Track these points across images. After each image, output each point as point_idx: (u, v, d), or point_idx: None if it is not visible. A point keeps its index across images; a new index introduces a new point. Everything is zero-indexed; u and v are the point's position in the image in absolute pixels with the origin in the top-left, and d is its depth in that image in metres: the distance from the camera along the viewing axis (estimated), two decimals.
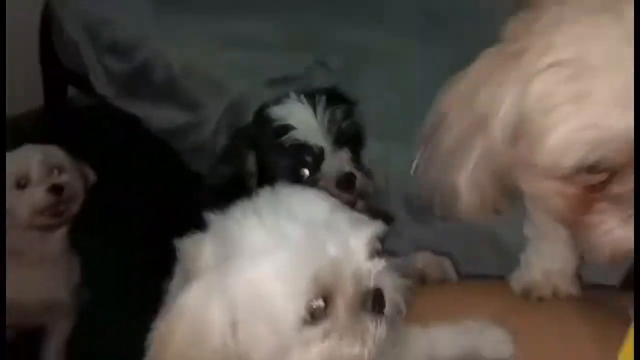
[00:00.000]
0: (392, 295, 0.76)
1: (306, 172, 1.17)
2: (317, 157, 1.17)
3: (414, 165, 0.81)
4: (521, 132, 0.70)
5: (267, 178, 1.18)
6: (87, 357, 1.71)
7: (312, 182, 1.16)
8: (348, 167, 1.18)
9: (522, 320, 0.89)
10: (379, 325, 0.74)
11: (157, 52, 1.86)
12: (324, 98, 1.19)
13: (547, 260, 0.92)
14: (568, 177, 0.67)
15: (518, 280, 0.93)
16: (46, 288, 1.56)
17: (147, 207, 1.98)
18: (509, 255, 1.07)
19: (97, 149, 2.03)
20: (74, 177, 1.50)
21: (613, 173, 0.66)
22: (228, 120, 1.72)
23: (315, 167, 1.17)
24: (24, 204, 1.45)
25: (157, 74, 1.86)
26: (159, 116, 1.86)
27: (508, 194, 0.76)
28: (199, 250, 0.74)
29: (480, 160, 0.73)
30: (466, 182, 0.74)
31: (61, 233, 1.53)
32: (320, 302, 0.71)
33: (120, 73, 1.96)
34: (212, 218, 0.78)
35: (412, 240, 1.35)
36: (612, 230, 0.67)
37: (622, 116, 0.62)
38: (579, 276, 0.95)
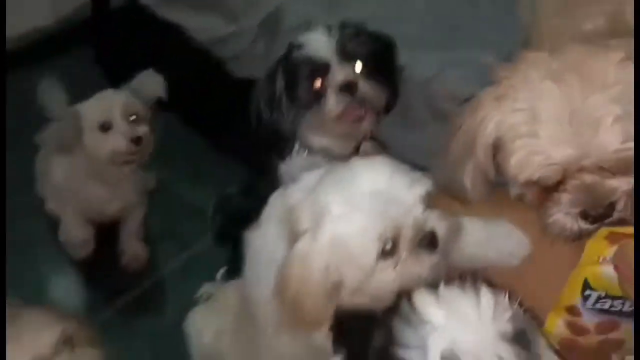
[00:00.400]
0: (442, 234, 1.02)
1: (318, 83, 1.39)
2: (325, 69, 1.39)
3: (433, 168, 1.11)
4: (498, 149, 1.01)
5: (291, 90, 1.42)
6: (161, 231, 1.94)
7: (323, 90, 1.39)
8: (352, 77, 1.38)
9: (515, 215, 1.13)
10: (431, 257, 1.02)
11: None
12: (339, 23, 1.41)
13: None
14: (525, 184, 1.00)
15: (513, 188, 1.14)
16: (122, 198, 1.83)
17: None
18: None
19: (141, 54, 2.19)
20: (148, 127, 1.69)
21: (554, 187, 0.98)
22: (264, 30, 1.86)
23: (324, 78, 1.39)
24: (106, 146, 1.66)
25: None
26: (200, 26, 1.97)
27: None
28: (299, 216, 1.03)
29: (475, 166, 1.04)
30: (469, 181, 1.06)
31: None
32: (389, 245, 0.99)
33: None
34: (305, 180, 1.08)
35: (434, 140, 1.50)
36: (558, 219, 1.00)
37: (557, 149, 0.94)
38: None
